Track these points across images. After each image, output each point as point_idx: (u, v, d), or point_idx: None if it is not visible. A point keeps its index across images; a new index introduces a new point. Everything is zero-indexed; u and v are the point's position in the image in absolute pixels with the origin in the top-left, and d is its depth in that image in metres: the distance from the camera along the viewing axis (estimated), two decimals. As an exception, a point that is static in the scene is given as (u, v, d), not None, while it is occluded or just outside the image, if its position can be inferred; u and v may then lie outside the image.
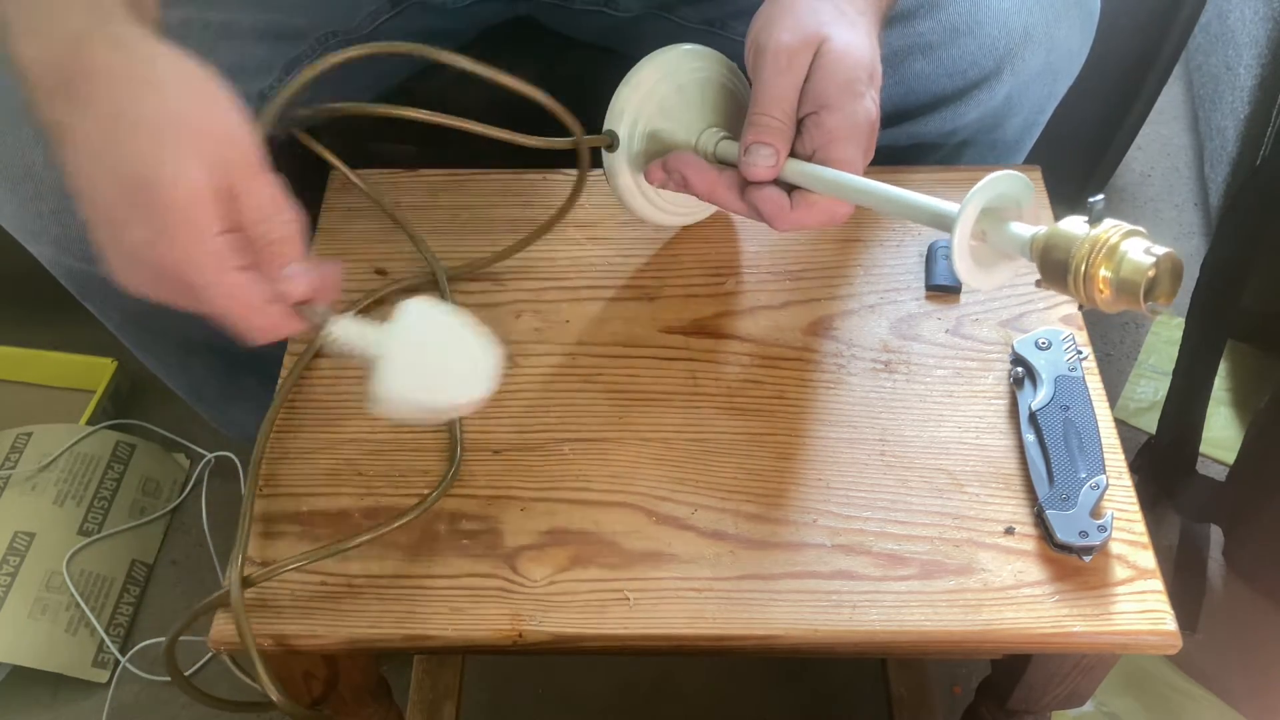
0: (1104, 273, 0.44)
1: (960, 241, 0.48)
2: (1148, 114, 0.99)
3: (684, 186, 0.58)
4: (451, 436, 0.57)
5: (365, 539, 0.53)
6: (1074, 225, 0.45)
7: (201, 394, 0.89)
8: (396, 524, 0.53)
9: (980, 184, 0.48)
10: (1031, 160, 0.72)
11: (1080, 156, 1.03)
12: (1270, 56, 1.12)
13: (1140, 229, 0.44)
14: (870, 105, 0.54)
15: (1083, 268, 0.44)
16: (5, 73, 0.47)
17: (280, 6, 0.71)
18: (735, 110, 0.61)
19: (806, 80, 0.54)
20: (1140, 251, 0.43)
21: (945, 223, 0.49)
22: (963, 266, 0.49)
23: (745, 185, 0.56)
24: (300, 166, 0.75)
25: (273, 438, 0.58)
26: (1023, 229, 0.48)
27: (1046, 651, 0.54)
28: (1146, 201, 1.40)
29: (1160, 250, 0.43)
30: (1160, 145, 1.46)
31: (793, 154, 0.55)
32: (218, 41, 0.66)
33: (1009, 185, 0.49)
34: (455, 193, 0.69)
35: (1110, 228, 0.44)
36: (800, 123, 0.55)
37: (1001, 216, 0.49)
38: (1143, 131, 1.02)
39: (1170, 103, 1.50)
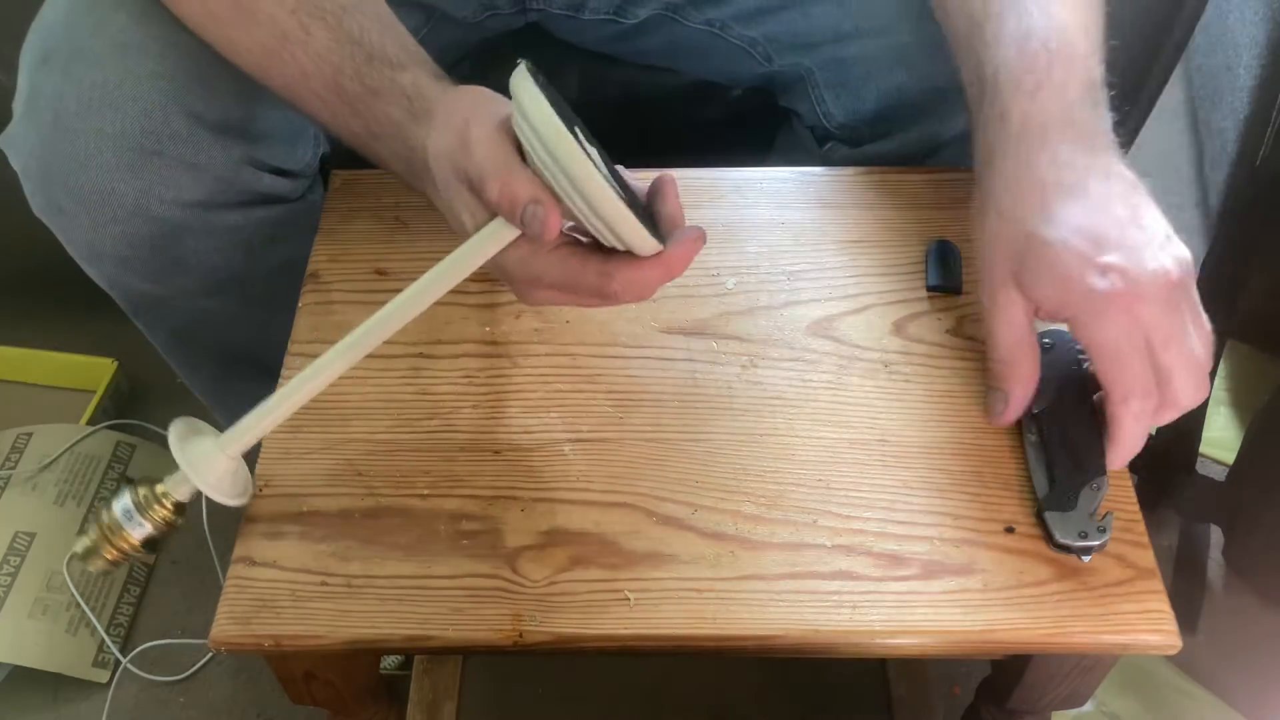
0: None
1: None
2: (1148, 114, 0.99)
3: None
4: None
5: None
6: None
7: (229, 403, 0.89)
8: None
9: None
10: (1031, 160, 0.72)
11: (1080, 157, 1.03)
12: (1270, 56, 1.12)
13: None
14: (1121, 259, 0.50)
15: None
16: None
17: None
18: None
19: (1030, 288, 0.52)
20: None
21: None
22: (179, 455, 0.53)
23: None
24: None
25: (273, 438, 0.58)
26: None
27: (1046, 652, 0.54)
28: (1146, 201, 1.40)
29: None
30: (1160, 145, 1.46)
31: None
32: None
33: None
34: (455, 193, 0.69)
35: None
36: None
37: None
38: (1143, 131, 1.02)
39: (1170, 103, 1.49)
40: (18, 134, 0.64)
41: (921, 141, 0.70)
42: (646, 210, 0.53)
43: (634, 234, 0.49)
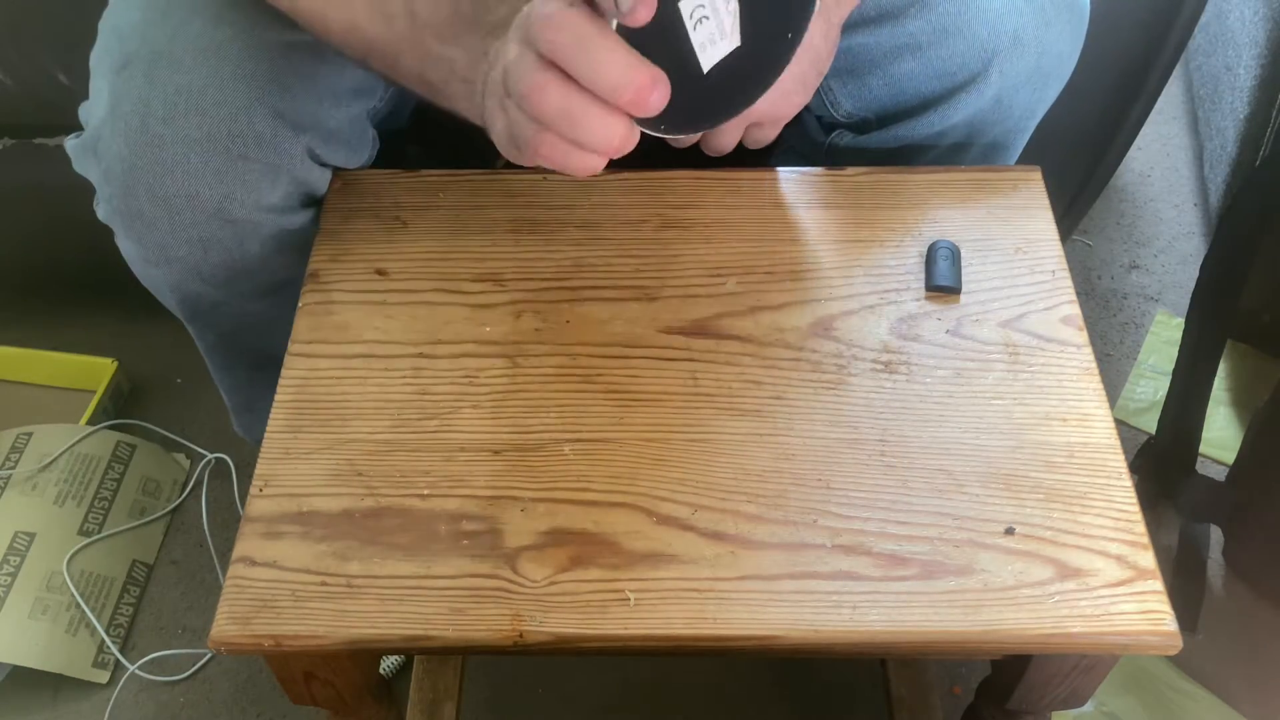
0: None
1: None
2: (1148, 114, 0.99)
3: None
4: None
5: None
6: None
7: (254, 405, 0.90)
8: (397, 524, 0.53)
9: None
10: (1031, 160, 0.72)
11: (1080, 156, 1.03)
12: (1270, 56, 1.12)
13: None
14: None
15: None
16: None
17: None
18: None
19: None
20: None
21: None
22: None
23: None
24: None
25: (273, 438, 0.58)
26: None
27: (1046, 652, 0.54)
28: (1146, 201, 1.40)
29: None
30: (1160, 145, 1.46)
31: None
32: (319, 63, 0.65)
33: None
34: (455, 193, 0.69)
35: None
36: None
37: None
38: (1143, 131, 1.02)
39: (1170, 103, 1.50)
40: (98, 140, 0.64)
41: (927, 129, 0.70)
42: None
43: None
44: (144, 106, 0.62)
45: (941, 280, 0.63)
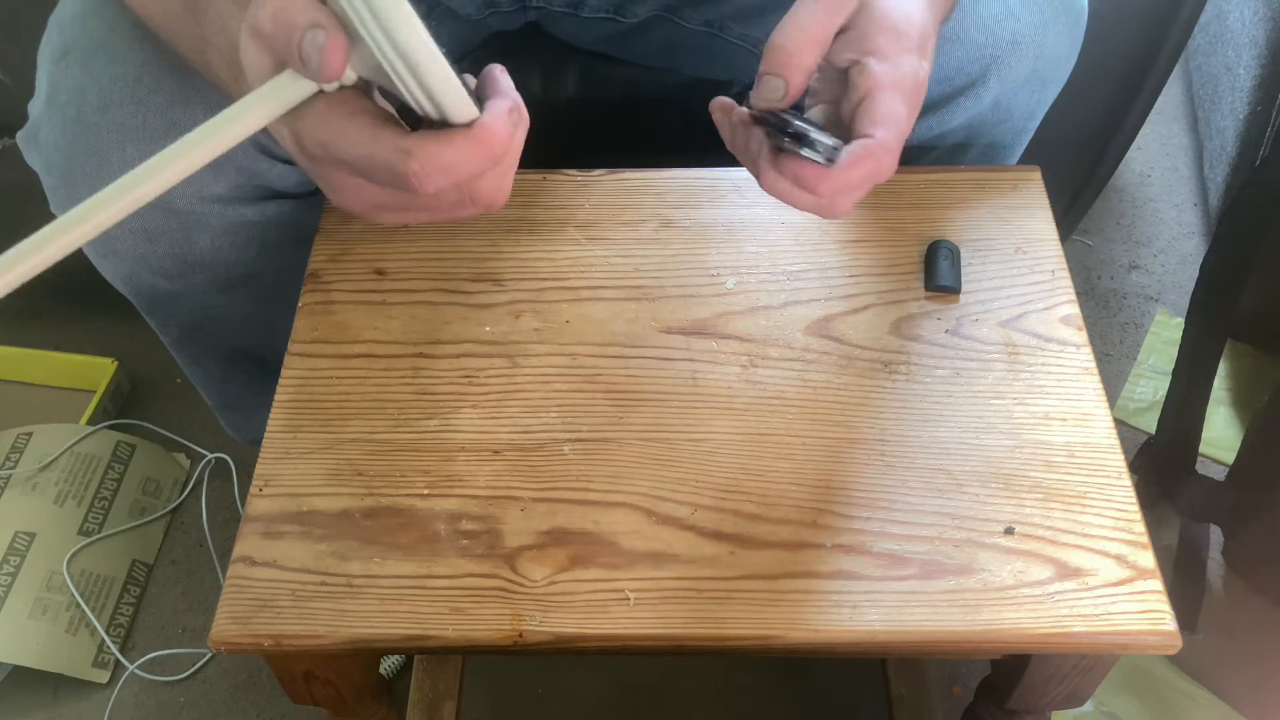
0: None
1: None
2: (1148, 114, 0.99)
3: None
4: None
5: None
6: None
7: (234, 403, 0.90)
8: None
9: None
10: (1031, 160, 0.72)
11: (1080, 156, 1.03)
12: (1270, 56, 1.12)
13: None
14: (918, 64, 0.52)
15: None
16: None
17: None
18: None
19: (848, 30, 0.51)
20: None
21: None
22: None
23: None
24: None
25: (273, 438, 0.58)
26: None
27: (1046, 651, 0.54)
28: (1146, 201, 1.40)
29: None
30: (1160, 145, 1.46)
31: (834, 104, 0.53)
32: None
33: None
34: (455, 193, 0.69)
35: None
36: (845, 73, 0.52)
37: None
38: (1143, 131, 1.02)
39: (1170, 103, 1.50)
40: (38, 131, 0.64)
41: (926, 133, 0.70)
42: (476, 99, 0.45)
43: (445, 85, 0.41)
44: (80, 96, 0.61)
45: (941, 280, 0.63)
